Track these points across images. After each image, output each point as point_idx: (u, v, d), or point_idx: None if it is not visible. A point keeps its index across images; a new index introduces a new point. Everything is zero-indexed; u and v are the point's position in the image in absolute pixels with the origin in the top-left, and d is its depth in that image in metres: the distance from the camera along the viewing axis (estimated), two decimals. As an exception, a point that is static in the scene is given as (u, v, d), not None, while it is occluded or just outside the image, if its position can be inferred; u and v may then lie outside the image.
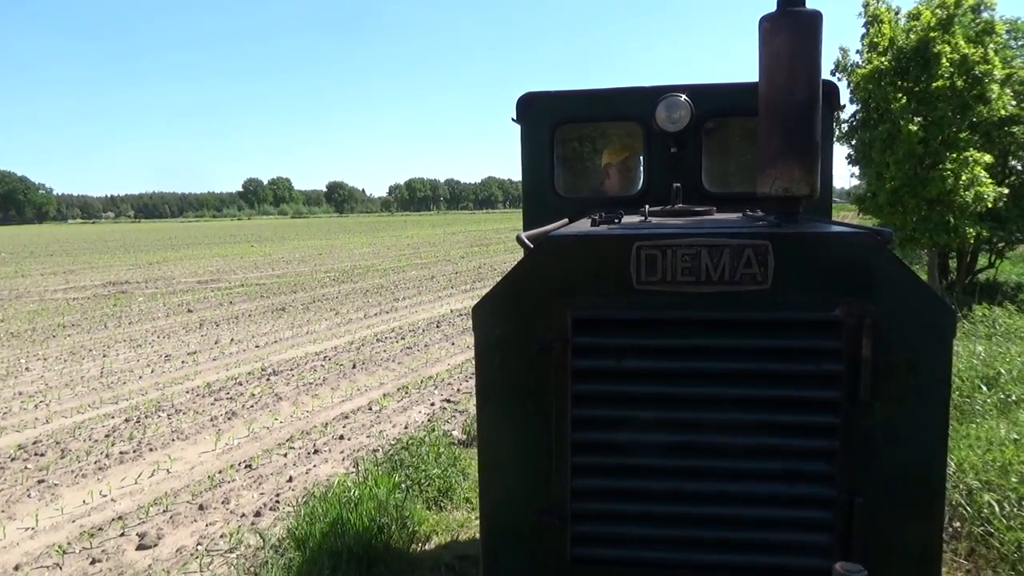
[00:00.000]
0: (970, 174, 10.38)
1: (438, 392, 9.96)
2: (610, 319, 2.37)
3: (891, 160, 10.66)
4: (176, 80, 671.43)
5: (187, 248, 49.33)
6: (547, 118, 4.41)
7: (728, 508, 2.35)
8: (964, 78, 10.50)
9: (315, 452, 7.65)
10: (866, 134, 11.30)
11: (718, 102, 4.19)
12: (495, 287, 2.45)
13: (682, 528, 2.40)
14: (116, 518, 6.17)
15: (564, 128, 4.59)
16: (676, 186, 3.49)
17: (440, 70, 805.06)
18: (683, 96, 4.03)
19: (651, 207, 3.21)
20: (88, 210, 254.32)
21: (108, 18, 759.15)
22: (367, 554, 4.85)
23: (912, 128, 10.30)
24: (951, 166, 10.38)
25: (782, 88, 2.36)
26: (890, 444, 2.25)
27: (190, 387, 10.69)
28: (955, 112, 10.64)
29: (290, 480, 6.91)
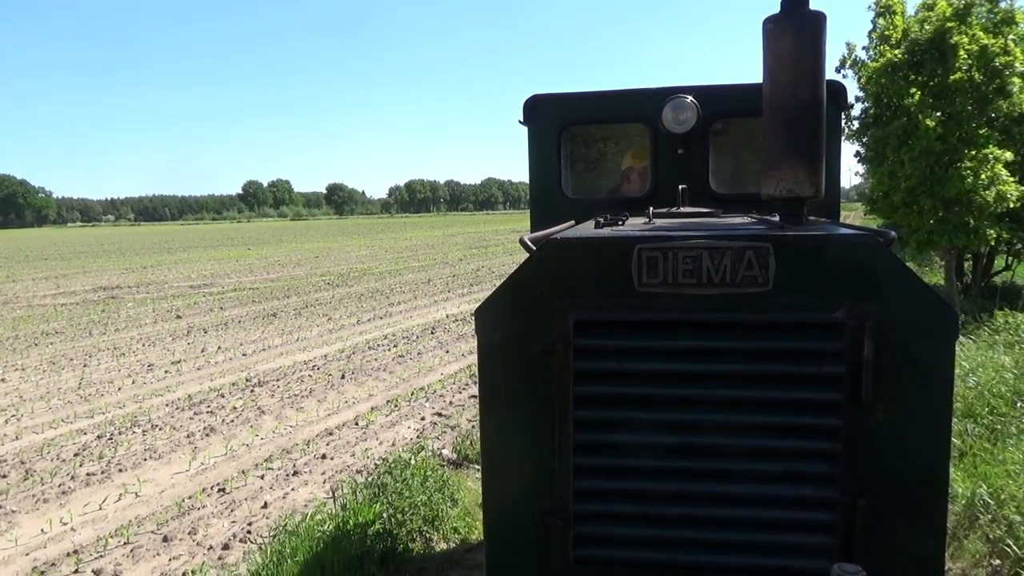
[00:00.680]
0: (990, 172, 9.82)
1: (429, 405, 9.43)
2: (612, 321, 2.36)
3: (907, 158, 10.08)
4: (176, 83, 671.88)
5: (183, 251, 48.85)
6: (554, 120, 4.45)
7: (731, 510, 2.34)
8: (983, 71, 9.95)
9: (295, 473, 7.13)
10: (879, 131, 10.74)
11: (725, 103, 4.21)
12: (498, 289, 2.45)
13: (685, 529, 2.38)
14: (72, 551, 5.65)
15: (571, 130, 4.63)
16: (682, 187, 3.51)
17: (440, 72, 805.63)
18: (690, 97, 4.06)
19: (656, 209, 3.24)
20: (88, 213, 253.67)
21: (109, 21, 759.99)
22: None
23: (930, 124, 9.74)
24: (970, 164, 9.82)
25: (786, 89, 2.35)
26: (892, 446, 2.24)
27: (170, 399, 10.18)
28: (974, 107, 10.08)
29: (265, 506, 6.38)
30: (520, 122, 4.49)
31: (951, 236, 10.10)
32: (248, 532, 5.86)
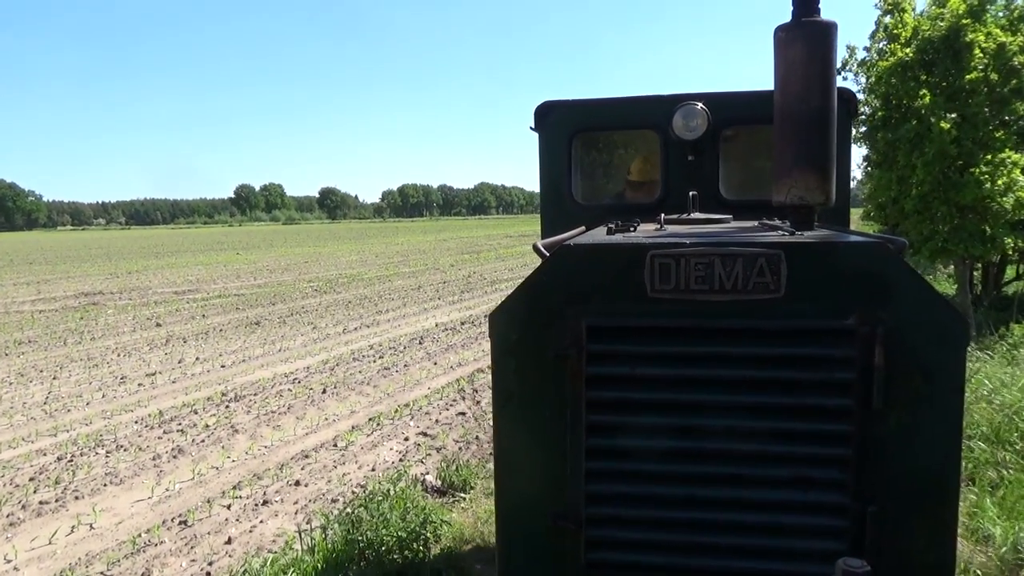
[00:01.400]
0: (1007, 178, 9.31)
1: (414, 423, 8.86)
2: (624, 327, 2.37)
3: (919, 162, 9.57)
4: (169, 86, 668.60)
5: (171, 256, 48.12)
6: (565, 126, 4.47)
7: (741, 515, 2.33)
8: (999, 70, 9.44)
9: (264, 503, 6.54)
10: (888, 134, 10.23)
11: (735, 110, 4.23)
12: (512, 293, 2.46)
13: (696, 534, 2.37)
14: (9, 597, 5.08)
15: (582, 136, 4.65)
16: (693, 194, 3.49)
17: (434, 76, 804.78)
18: (700, 104, 4.06)
19: (667, 215, 3.27)
20: (79, 217, 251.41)
21: (100, 24, 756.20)
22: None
23: (944, 126, 9.22)
24: (986, 169, 9.32)
25: (797, 97, 2.38)
26: (903, 452, 2.24)
27: (140, 416, 9.58)
28: (990, 108, 9.57)
29: (229, 542, 5.80)
30: (531, 128, 4.51)
31: (967, 245, 9.60)
32: (207, 575, 5.28)
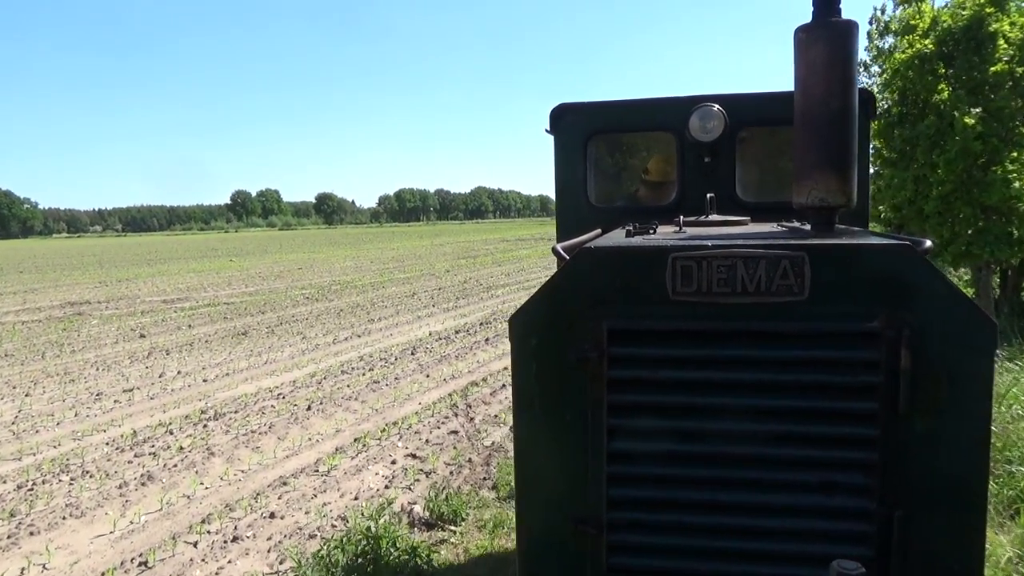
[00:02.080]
0: (1032, 177, 8.75)
1: (402, 444, 8.25)
2: (646, 330, 2.33)
3: (941, 160, 9.01)
4: (165, 93, 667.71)
5: (164, 263, 47.49)
6: (580, 129, 4.46)
7: (764, 520, 2.27)
8: (1025, 63, 8.89)
9: (234, 539, 5.93)
10: (905, 130, 9.66)
11: (751, 111, 4.21)
12: (532, 297, 2.43)
13: (718, 539, 2.30)
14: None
15: (597, 139, 4.64)
16: (710, 196, 3.47)
17: (431, 81, 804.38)
18: (716, 106, 4.06)
19: (685, 217, 3.23)
20: (75, 224, 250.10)
21: (95, 30, 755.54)
22: None
23: (969, 121, 8.66)
24: (1012, 167, 8.76)
25: (818, 98, 2.37)
26: (930, 457, 2.18)
27: (112, 437, 8.98)
28: (1016, 102, 9.00)
29: (191, 587, 5.21)
30: (546, 131, 4.49)
31: (992, 248, 9.03)
32: (163, 628, 4.69)
